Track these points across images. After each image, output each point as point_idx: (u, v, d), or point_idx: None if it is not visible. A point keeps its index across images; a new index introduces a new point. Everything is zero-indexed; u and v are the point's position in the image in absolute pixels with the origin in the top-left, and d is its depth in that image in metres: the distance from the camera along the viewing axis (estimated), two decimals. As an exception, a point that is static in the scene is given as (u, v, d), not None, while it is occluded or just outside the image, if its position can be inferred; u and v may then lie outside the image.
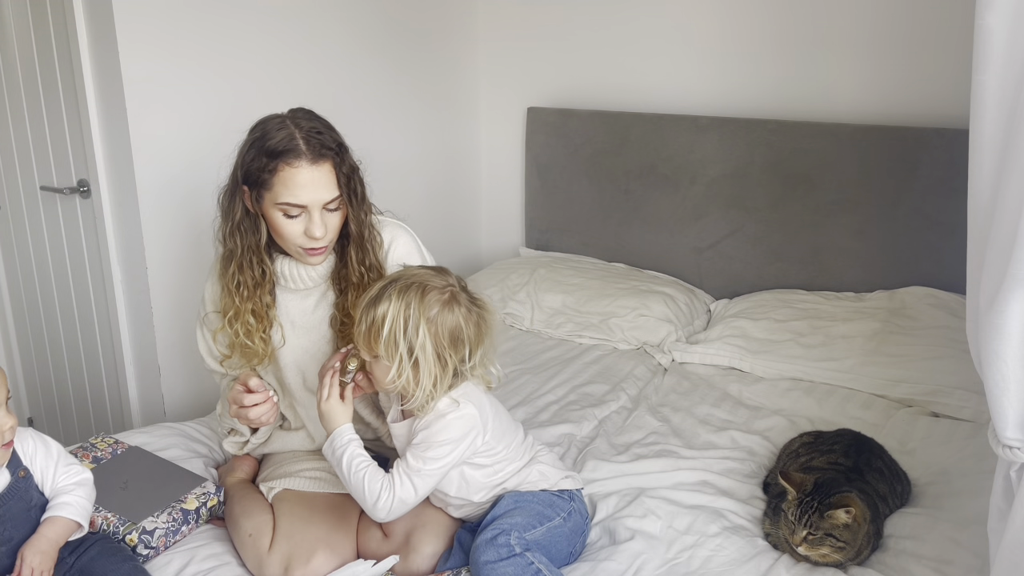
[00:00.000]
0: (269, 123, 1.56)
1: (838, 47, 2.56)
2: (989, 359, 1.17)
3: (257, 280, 1.64)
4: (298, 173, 1.52)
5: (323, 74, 2.60)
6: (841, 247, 2.59)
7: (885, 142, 2.47)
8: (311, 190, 1.53)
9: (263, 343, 1.68)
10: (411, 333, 1.39)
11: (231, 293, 1.65)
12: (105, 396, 2.57)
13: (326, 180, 1.54)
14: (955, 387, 2.07)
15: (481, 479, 1.53)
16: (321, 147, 1.53)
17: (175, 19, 2.20)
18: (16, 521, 1.36)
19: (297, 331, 1.72)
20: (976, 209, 1.21)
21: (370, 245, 1.65)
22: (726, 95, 2.77)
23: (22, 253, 2.68)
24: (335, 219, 1.59)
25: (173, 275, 2.34)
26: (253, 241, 1.62)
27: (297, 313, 1.72)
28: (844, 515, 1.48)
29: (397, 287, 1.42)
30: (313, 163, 1.52)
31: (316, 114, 1.62)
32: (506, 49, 3.18)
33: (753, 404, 2.19)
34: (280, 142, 1.52)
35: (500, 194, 3.34)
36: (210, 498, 1.69)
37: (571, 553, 1.56)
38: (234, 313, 1.65)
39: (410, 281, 1.43)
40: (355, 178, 1.60)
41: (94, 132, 2.24)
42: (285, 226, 1.56)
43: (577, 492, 1.62)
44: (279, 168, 1.52)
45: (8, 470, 1.37)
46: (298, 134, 1.53)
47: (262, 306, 1.67)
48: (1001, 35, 1.10)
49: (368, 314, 1.42)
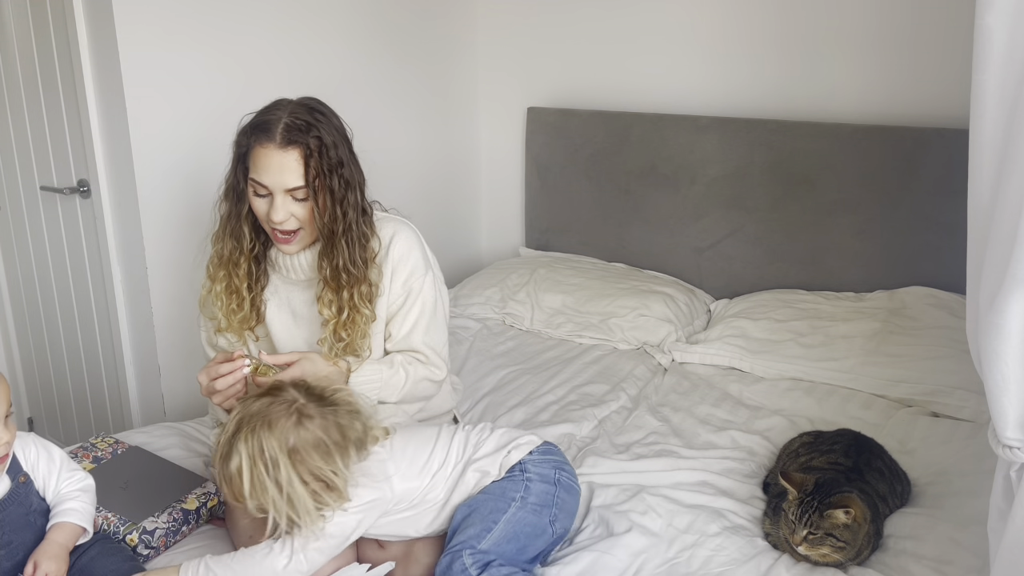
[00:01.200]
0: (274, 104, 1.61)
1: (838, 47, 2.56)
2: (989, 359, 1.17)
3: (234, 248, 1.67)
4: (265, 154, 1.56)
5: (322, 74, 2.60)
6: (841, 247, 2.59)
7: (885, 142, 2.47)
8: (274, 173, 1.56)
9: (232, 313, 1.70)
10: (274, 474, 1.31)
11: (219, 258, 1.70)
12: (105, 396, 2.57)
13: (291, 167, 1.56)
14: (955, 387, 2.07)
15: (417, 518, 1.49)
16: (295, 136, 1.55)
17: (175, 19, 2.20)
18: (15, 525, 1.37)
19: (299, 322, 1.73)
20: (976, 209, 1.21)
21: (345, 245, 1.63)
22: (726, 95, 2.77)
23: (22, 253, 2.68)
24: (301, 208, 1.60)
25: (173, 275, 2.34)
26: (235, 210, 1.65)
27: (299, 304, 1.73)
28: (843, 515, 1.48)
29: (242, 436, 1.33)
30: (281, 148, 1.55)
31: (321, 107, 1.63)
32: (506, 49, 3.18)
33: (753, 404, 2.19)
34: (262, 122, 1.57)
35: (500, 194, 3.34)
36: (210, 498, 1.69)
37: (552, 521, 1.50)
38: (221, 277, 1.69)
39: (252, 423, 1.34)
40: (335, 175, 1.59)
41: (94, 132, 2.24)
42: (255, 203, 1.62)
43: (530, 457, 1.54)
44: (253, 145, 1.57)
45: (8, 476, 1.37)
46: (283, 118, 1.56)
47: (235, 278, 1.68)
48: (1001, 35, 1.10)
49: (225, 472, 1.34)
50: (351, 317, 1.65)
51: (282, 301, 1.74)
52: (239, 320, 1.72)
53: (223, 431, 1.37)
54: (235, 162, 1.63)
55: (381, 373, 1.67)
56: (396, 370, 1.69)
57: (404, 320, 1.73)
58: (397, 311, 1.72)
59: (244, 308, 1.71)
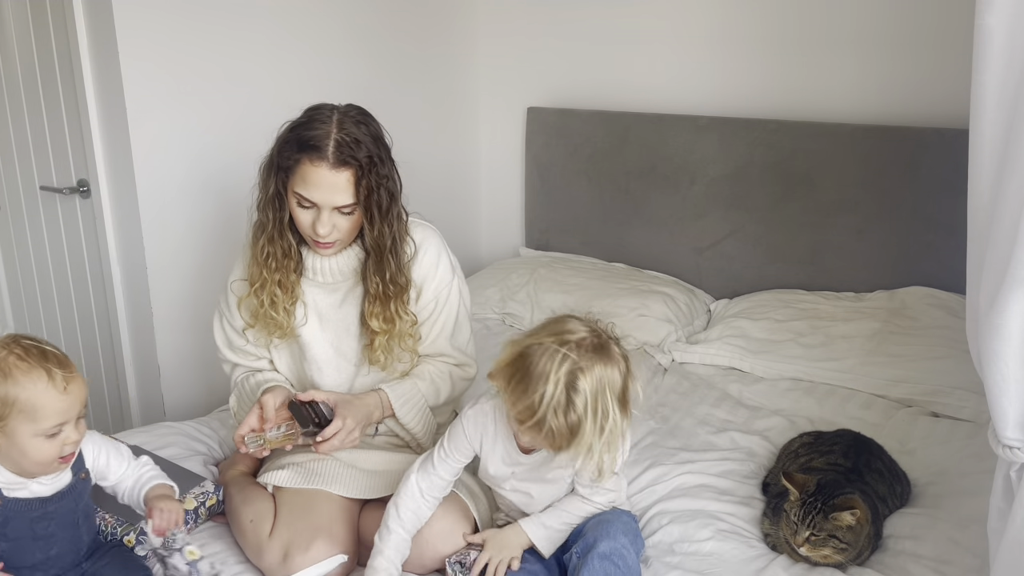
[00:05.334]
0: (317, 113, 1.58)
1: (838, 47, 2.56)
2: (989, 359, 1.17)
3: (286, 251, 1.66)
4: (316, 172, 1.53)
5: (322, 73, 2.60)
6: (841, 247, 2.59)
7: (885, 142, 2.47)
8: (325, 191, 1.54)
9: (287, 315, 1.70)
10: (601, 420, 1.31)
11: (259, 264, 1.67)
12: (105, 396, 2.57)
13: (343, 187, 1.55)
14: (955, 387, 2.07)
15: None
16: (348, 156, 1.53)
17: (175, 19, 2.20)
18: (63, 521, 1.37)
19: (324, 324, 1.73)
20: (976, 209, 1.21)
21: (392, 257, 1.64)
22: (726, 95, 2.77)
23: (22, 253, 2.68)
24: (346, 222, 1.60)
25: (173, 275, 2.34)
26: (278, 217, 1.63)
27: (325, 307, 1.73)
28: (850, 517, 1.48)
29: (580, 385, 1.29)
30: (334, 168, 1.53)
31: (367, 118, 1.61)
32: (506, 49, 3.18)
33: (753, 404, 2.19)
34: (313, 137, 1.54)
35: (500, 194, 3.34)
36: (209, 497, 1.69)
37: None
38: (260, 284, 1.67)
39: (585, 362, 1.31)
40: (382, 191, 1.58)
41: (94, 132, 2.24)
42: (297, 213, 1.60)
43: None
44: (302, 160, 1.54)
45: (72, 470, 1.38)
46: (333, 135, 1.53)
47: (288, 280, 1.68)
48: (1001, 35, 1.10)
49: (557, 421, 1.30)
50: (398, 328, 1.67)
51: (309, 304, 1.74)
52: (282, 329, 1.71)
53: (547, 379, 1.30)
54: (274, 170, 1.60)
55: (418, 388, 1.73)
56: (429, 381, 1.75)
57: (433, 327, 1.76)
58: (427, 318, 1.75)
59: (285, 315, 1.70)
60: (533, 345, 1.35)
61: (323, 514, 1.58)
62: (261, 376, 1.78)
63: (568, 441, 1.32)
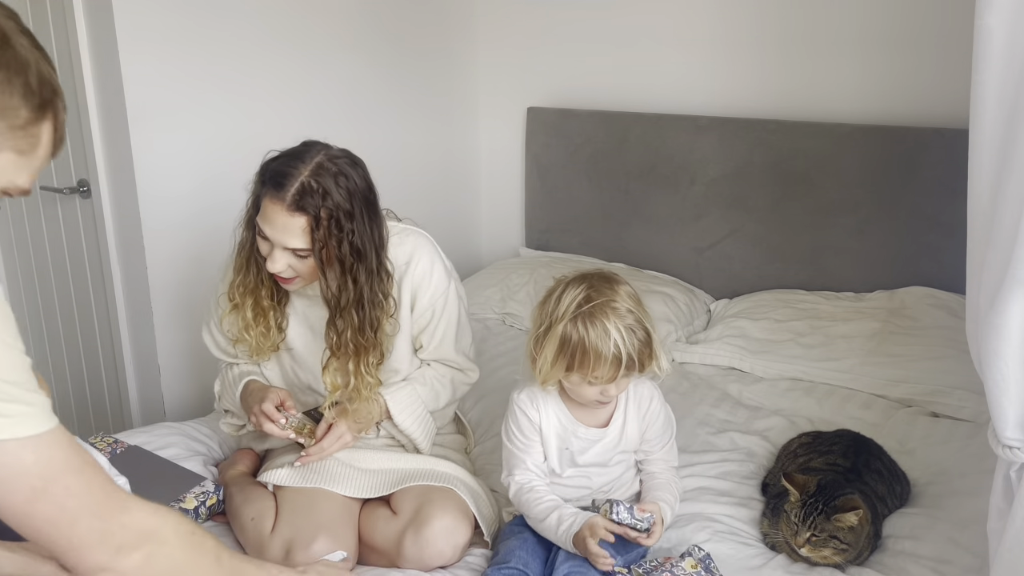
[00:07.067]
0: (303, 150, 1.55)
1: (838, 47, 2.56)
2: (989, 359, 1.17)
3: (258, 278, 1.65)
4: (273, 209, 1.52)
5: (322, 73, 2.60)
6: (841, 247, 2.59)
7: (885, 142, 2.47)
8: (279, 230, 1.52)
9: (262, 338, 1.70)
10: (649, 326, 1.48)
11: (241, 283, 1.67)
12: (105, 396, 2.57)
13: (296, 231, 1.52)
14: (955, 387, 2.07)
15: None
16: (307, 203, 1.49)
17: (175, 19, 2.20)
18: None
19: (317, 337, 1.72)
20: (976, 209, 1.21)
21: (355, 314, 1.58)
22: (726, 95, 2.77)
23: (22, 253, 2.68)
24: (302, 264, 1.56)
25: (173, 275, 2.34)
26: (254, 239, 1.63)
27: (315, 319, 1.72)
28: (853, 518, 1.48)
29: (621, 309, 1.44)
30: (288, 210, 1.50)
31: (352, 170, 1.56)
32: (506, 49, 3.18)
33: (753, 404, 2.19)
34: (282, 173, 1.51)
35: (500, 194, 3.34)
36: (209, 496, 1.69)
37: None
38: (241, 301, 1.67)
39: (621, 297, 1.47)
40: (344, 247, 1.53)
41: (94, 132, 2.24)
42: (258, 241, 1.59)
43: None
44: (266, 193, 1.53)
45: None
46: (302, 178, 1.50)
47: (261, 306, 1.67)
48: (1001, 35, 1.10)
49: (635, 345, 1.44)
50: (356, 388, 1.64)
51: (300, 316, 1.74)
52: (269, 345, 1.72)
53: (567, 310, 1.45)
54: (251, 195, 1.61)
55: (417, 393, 1.73)
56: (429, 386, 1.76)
57: (433, 335, 1.76)
58: (425, 327, 1.75)
59: (272, 333, 1.71)
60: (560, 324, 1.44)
61: (324, 512, 1.58)
62: (245, 367, 1.80)
63: (649, 351, 1.46)
